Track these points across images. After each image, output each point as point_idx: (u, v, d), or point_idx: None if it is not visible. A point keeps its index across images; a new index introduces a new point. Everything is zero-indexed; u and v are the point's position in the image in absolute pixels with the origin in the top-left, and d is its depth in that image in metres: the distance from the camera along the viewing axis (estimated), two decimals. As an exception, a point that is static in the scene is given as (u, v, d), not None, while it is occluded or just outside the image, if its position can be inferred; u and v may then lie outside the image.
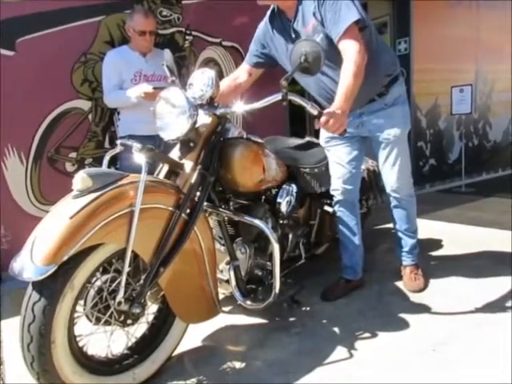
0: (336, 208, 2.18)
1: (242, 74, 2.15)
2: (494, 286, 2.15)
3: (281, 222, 1.99)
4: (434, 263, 2.53)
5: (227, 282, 1.83)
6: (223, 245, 1.83)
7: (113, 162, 3.05)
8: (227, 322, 1.94)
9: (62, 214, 1.24)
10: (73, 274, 1.26)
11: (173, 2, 3.19)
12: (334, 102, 1.64)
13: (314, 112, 1.54)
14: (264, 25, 2.06)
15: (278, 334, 1.85)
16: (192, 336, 1.75)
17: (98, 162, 3.02)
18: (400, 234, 2.25)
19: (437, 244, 2.87)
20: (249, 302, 1.75)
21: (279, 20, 1.98)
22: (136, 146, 1.38)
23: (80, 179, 1.28)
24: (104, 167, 1.45)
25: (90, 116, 2.97)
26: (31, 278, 1.19)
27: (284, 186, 1.99)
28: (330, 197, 2.22)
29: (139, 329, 1.55)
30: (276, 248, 1.65)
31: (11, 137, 2.73)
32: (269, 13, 2.02)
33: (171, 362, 1.64)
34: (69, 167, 2.94)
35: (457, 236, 3.03)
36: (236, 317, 2.00)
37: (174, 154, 1.62)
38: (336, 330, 1.87)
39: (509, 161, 5.60)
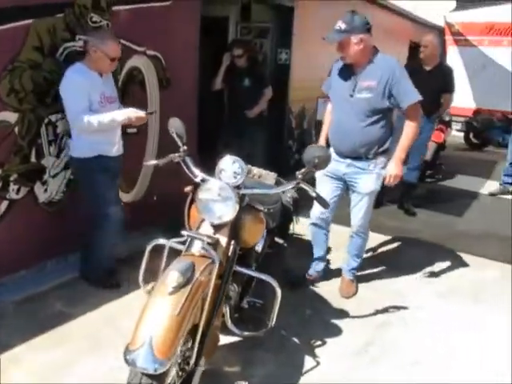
0: (311, 227, 3.03)
1: None
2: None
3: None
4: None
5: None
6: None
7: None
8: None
9: (167, 312, 1.50)
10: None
11: (103, 8, 3.05)
12: (396, 153, 2.66)
13: (313, 194, 2.03)
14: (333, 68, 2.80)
15: (256, 351, 2.37)
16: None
17: (23, 177, 2.84)
18: (348, 256, 3.03)
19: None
20: (246, 333, 2.22)
21: (345, 67, 2.68)
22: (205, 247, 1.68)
23: (175, 278, 1.54)
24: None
25: (16, 129, 2.74)
26: (155, 371, 1.44)
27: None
28: (279, 230, 2.76)
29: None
30: (279, 293, 2.12)
31: None
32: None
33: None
34: (-6, 185, 2.71)
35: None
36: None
37: (206, 227, 1.91)
38: (296, 340, 2.50)
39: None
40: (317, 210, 2.88)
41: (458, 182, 6.18)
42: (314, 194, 1.99)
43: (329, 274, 3.25)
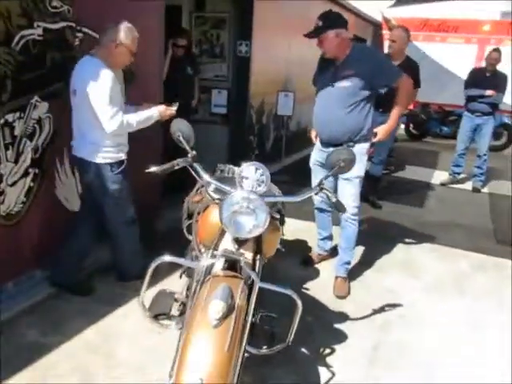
0: (315, 211, 3.21)
1: None
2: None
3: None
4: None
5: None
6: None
7: None
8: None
9: (215, 348, 1.31)
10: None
11: (64, -9, 2.67)
12: (388, 121, 2.85)
13: (333, 199, 1.91)
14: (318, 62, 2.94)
15: (267, 368, 2.21)
16: None
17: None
18: (340, 250, 2.99)
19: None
20: (263, 351, 2.04)
21: (327, 60, 2.78)
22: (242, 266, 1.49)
23: (220, 308, 1.33)
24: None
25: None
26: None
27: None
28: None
29: None
30: (299, 307, 1.96)
31: None
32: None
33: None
34: None
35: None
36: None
37: (228, 242, 1.71)
38: (305, 350, 2.37)
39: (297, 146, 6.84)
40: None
41: (408, 172, 6.40)
42: (334, 200, 1.88)
43: (319, 275, 3.18)
